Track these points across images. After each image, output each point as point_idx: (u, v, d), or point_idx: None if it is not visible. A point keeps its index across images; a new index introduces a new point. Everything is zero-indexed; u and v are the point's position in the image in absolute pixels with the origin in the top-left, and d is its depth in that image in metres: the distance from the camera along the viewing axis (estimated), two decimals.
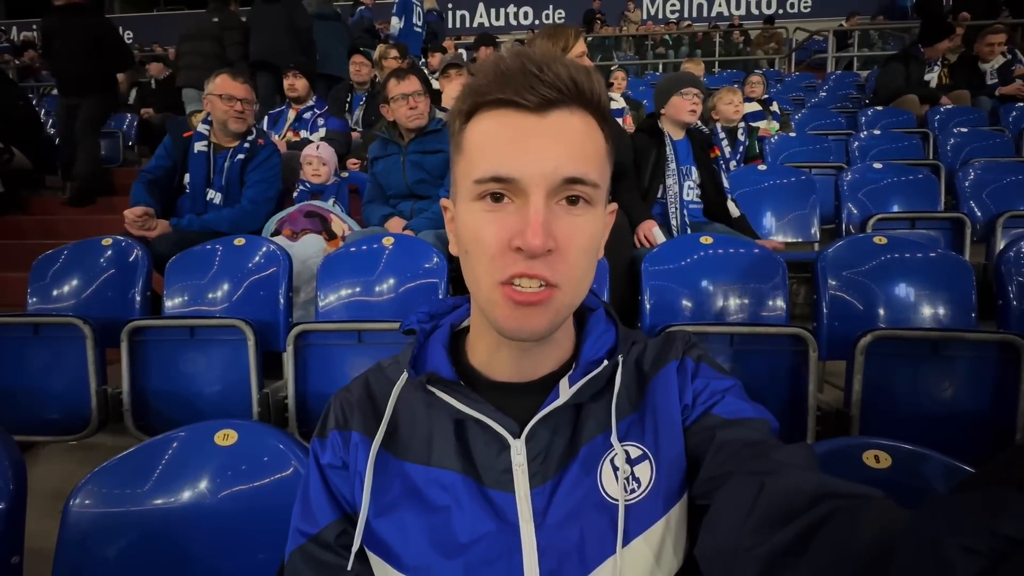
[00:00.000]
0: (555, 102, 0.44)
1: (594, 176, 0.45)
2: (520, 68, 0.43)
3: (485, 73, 0.45)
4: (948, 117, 3.55)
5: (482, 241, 0.44)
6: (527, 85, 0.43)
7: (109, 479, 0.76)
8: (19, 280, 1.93)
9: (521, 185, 0.43)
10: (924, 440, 0.70)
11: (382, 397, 0.53)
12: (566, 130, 0.44)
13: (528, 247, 0.42)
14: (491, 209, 0.45)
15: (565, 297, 0.45)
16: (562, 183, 0.43)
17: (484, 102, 0.45)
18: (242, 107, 2.16)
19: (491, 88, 0.44)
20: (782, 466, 0.41)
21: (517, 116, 0.44)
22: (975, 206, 2.44)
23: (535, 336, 0.46)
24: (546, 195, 0.43)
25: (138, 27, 12.13)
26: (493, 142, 0.44)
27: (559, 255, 0.44)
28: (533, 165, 0.43)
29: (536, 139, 0.43)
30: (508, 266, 0.43)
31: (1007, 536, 0.24)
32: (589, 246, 0.46)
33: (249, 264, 1.80)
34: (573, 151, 0.44)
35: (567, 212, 0.44)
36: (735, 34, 8.51)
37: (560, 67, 0.44)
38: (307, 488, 0.53)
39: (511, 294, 0.44)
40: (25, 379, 1.57)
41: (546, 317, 0.45)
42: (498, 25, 10.80)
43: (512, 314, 0.44)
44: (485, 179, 0.44)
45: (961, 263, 1.55)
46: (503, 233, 0.43)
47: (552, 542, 0.46)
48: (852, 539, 0.32)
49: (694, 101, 2.10)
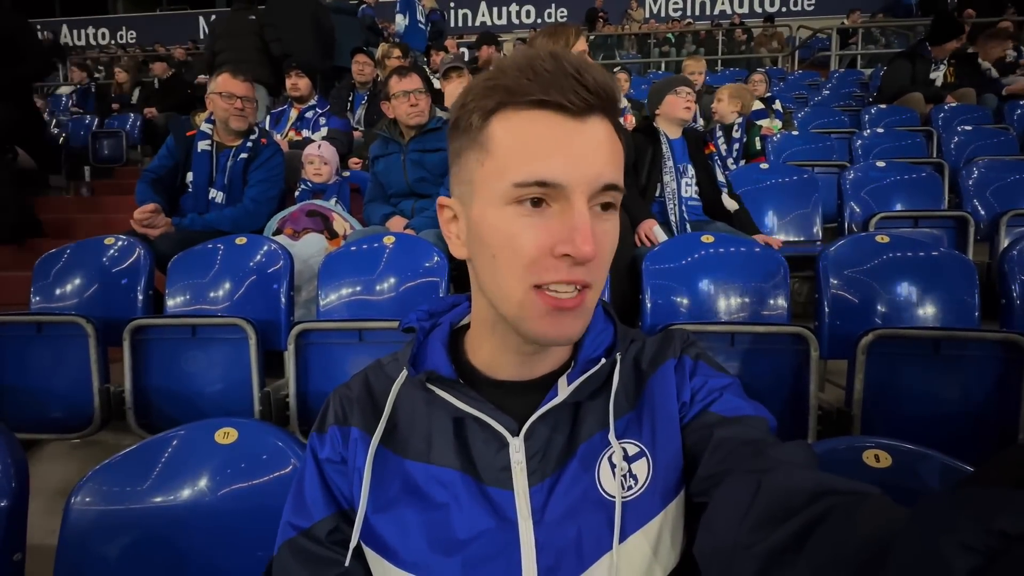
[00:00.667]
0: (593, 107, 0.44)
1: (621, 181, 0.45)
2: (561, 70, 0.42)
3: (520, 72, 0.43)
4: (952, 115, 3.53)
5: (519, 247, 0.43)
6: (571, 88, 0.42)
7: (110, 477, 0.77)
8: (23, 279, 1.94)
9: (566, 191, 0.42)
10: (926, 440, 0.69)
11: (381, 394, 0.53)
12: (602, 136, 0.44)
13: (580, 254, 0.41)
14: (530, 214, 0.43)
15: (594, 297, 0.46)
16: (601, 189, 0.43)
17: (518, 101, 0.43)
18: (243, 105, 2.15)
19: (530, 88, 0.43)
20: (780, 464, 0.41)
21: (559, 119, 0.43)
22: (979, 205, 2.42)
23: (571, 340, 0.46)
24: (588, 200, 0.43)
25: (140, 27, 12.17)
26: (535, 145, 0.43)
27: (596, 259, 0.44)
28: (579, 171, 0.42)
29: (580, 145, 0.43)
30: (548, 272, 0.43)
31: (1003, 532, 0.24)
32: (614, 249, 0.47)
33: (251, 263, 1.81)
34: (609, 157, 0.44)
35: (600, 218, 0.44)
36: (737, 32, 8.48)
37: (596, 72, 0.43)
38: (302, 482, 0.53)
39: (548, 300, 0.43)
40: (28, 377, 1.58)
41: (581, 321, 0.45)
42: (500, 24, 10.79)
43: (549, 320, 0.44)
44: (528, 183, 0.42)
45: (964, 262, 1.55)
46: (546, 239, 0.42)
47: (550, 539, 0.46)
48: (849, 536, 0.32)
49: (688, 99, 2.13)
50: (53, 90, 6.61)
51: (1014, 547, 0.24)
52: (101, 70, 8.31)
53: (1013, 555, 0.23)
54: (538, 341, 0.46)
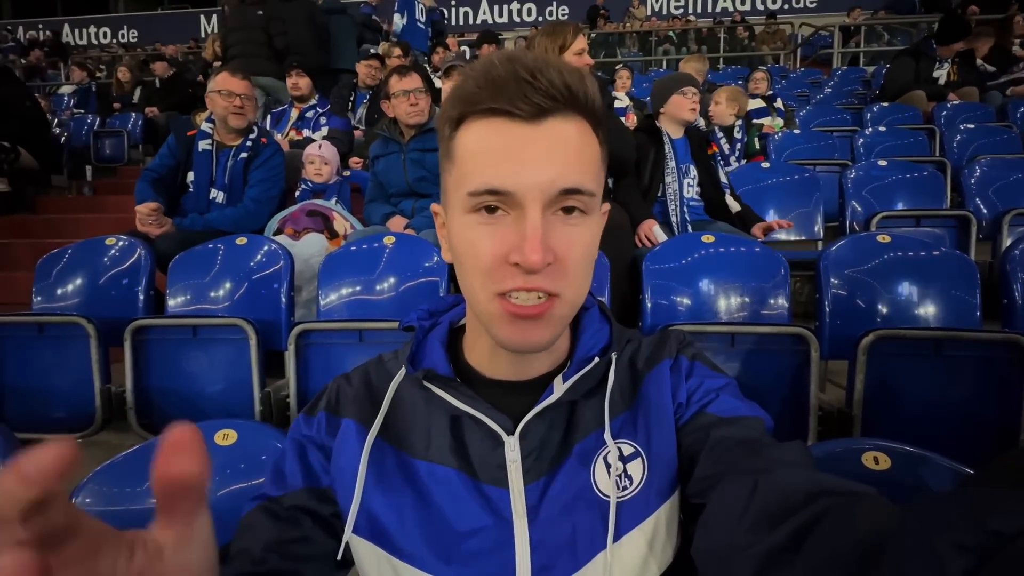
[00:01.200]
0: (549, 110, 0.42)
1: (590, 185, 0.44)
2: (512, 75, 0.42)
3: (476, 80, 0.43)
4: (955, 113, 3.51)
5: (477, 255, 0.44)
6: (520, 93, 0.41)
7: (110, 478, 0.77)
8: (26, 279, 1.95)
9: (517, 198, 0.42)
10: (927, 440, 0.69)
11: (381, 389, 0.53)
12: (561, 139, 0.43)
13: (527, 263, 0.41)
14: (486, 222, 0.44)
15: (564, 307, 0.45)
16: (559, 195, 0.42)
17: (474, 111, 0.44)
18: (241, 103, 2.15)
19: (482, 96, 0.43)
20: (776, 464, 0.41)
21: (510, 125, 0.43)
22: (981, 203, 2.41)
23: (536, 348, 0.45)
24: (543, 207, 0.42)
25: (142, 26, 12.18)
26: (486, 153, 0.43)
27: (558, 267, 0.43)
28: (529, 178, 0.42)
29: (531, 150, 0.42)
30: (505, 280, 0.43)
31: (996, 532, 0.24)
32: (587, 254, 0.45)
33: (251, 263, 1.81)
34: (569, 161, 0.43)
35: (564, 223, 0.43)
36: (739, 30, 8.45)
37: (553, 72, 0.42)
38: (282, 458, 0.52)
39: (509, 307, 0.43)
40: (31, 377, 1.58)
41: (547, 330, 0.45)
42: (501, 22, 10.76)
43: (512, 328, 0.44)
44: (479, 192, 0.43)
45: (965, 262, 1.54)
46: (500, 247, 0.43)
47: (545, 537, 0.46)
48: (845, 537, 0.32)
49: (693, 100, 2.10)
50: (55, 90, 6.63)
51: (1008, 547, 0.23)
52: (103, 69, 8.32)
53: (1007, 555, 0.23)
54: (505, 347, 0.46)
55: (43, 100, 5.50)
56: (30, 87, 5.87)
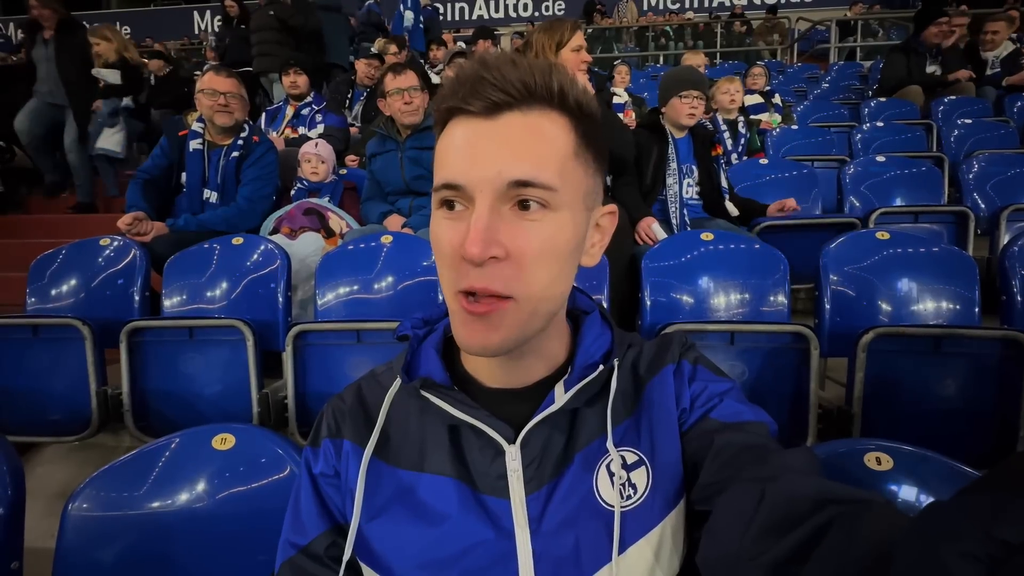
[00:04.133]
0: (503, 105, 0.42)
1: (547, 178, 0.42)
2: (473, 74, 0.43)
3: (448, 81, 0.45)
4: (951, 108, 3.51)
5: (440, 249, 0.44)
6: (473, 90, 0.42)
7: (107, 483, 0.76)
8: (19, 280, 1.93)
9: (468, 192, 0.42)
10: (927, 438, 0.69)
11: (375, 404, 0.52)
12: (515, 133, 0.42)
13: (466, 255, 0.41)
14: (448, 217, 0.44)
15: (524, 310, 0.43)
16: (508, 187, 0.42)
17: (445, 109, 0.45)
18: (226, 101, 2.13)
19: (446, 96, 0.44)
20: (783, 471, 0.41)
21: (469, 122, 0.44)
22: (979, 199, 2.42)
23: (488, 352, 0.44)
24: (493, 201, 0.42)
25: (135, 22, 12.07)
26: (448, 150, 0.44)
27: (512, 264, 0.42)
28: (476, 171, 0.42)
29: (482, 144, 0.43)
30: (461, 276, 0.43)
31: (1004, 541, 0.24)
32: (548, 253, 0.43)
33: (247, 263, 1.79)
34: (520, 154, 0.42)
35: (518, 217, 0.42)
36: (736, 24, 8.42)
37: (509, 68, 0.42)
38: (298, 498, 0.52)
39: (465, 304, 0.43)
40: (26, 380, 1.57)
41: (500, 333, 0.43)
42: (497, 17, 10.70)
43: (466, 327, 0.44)
44: (439, 187, 0.44)
45: (964, 258, 1.54)
46: (455, 240, 0.43)
47: (548, 549, 0.45)
48: (852, 546, 0.32)
49: (694, 104, 2.05)
50: None
51: (1015, 556, 0.23)
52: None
53: (1015, 564, 0.23)
54: (463, 348, 0.46)
55: None
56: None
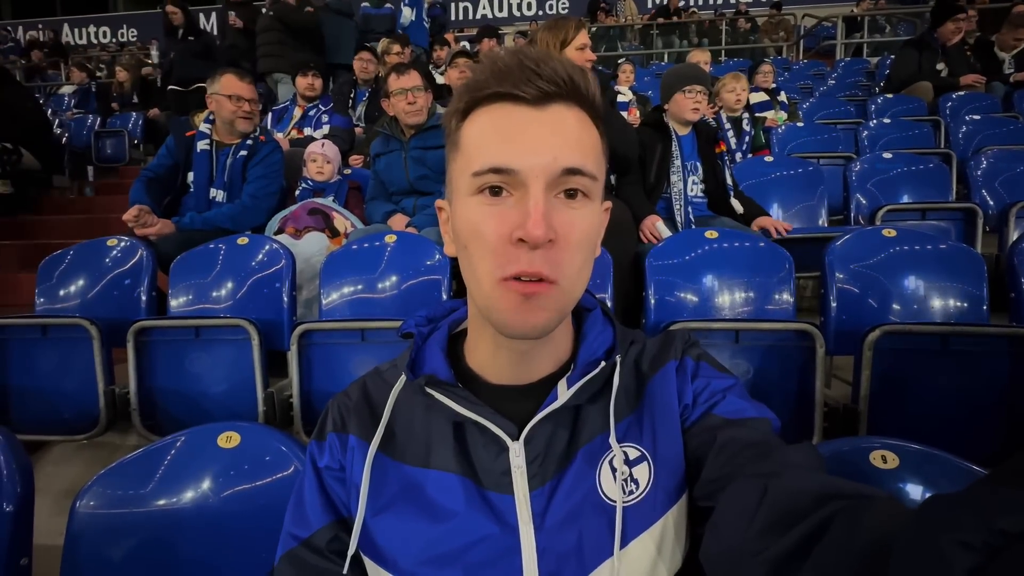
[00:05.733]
0: (552, 96, 0.44)
1: (592, 168, 0.45)
2: (518, 64, 0.44)
3: (482, 70, 0.46)
4: (960, 104, 3.47)
5: (482, 235, 0.44)
6: (524, 78, 0.43)
7: (114, 481, 0.77)
8: (29, 280, 1.95)
9: (521, 177, 0.43)
10: (934, 436, 0.68)
11: (380, 401, 0.53)
12: (564, 123, 0.44)
13: (530, 237, 0.41)
14: (491, 203, 0.44)
15: (564, 294, 0.45)
16: (561, 174, 0.43)
17: (481, 97, 0.46)
18: (250, 107, 2.18)
19: (489, 83, 0.45)
20: (786, 467, 0.41)
21: (515, 109, 0.44)
22: (987, 195, 2.39)
23: (536, 332, 0.45)
24: (545, 187, 0.43)
25: (141, 25, 12.15)
26: (492, 135, 0.45)
27: (558, 248, 0.43)
28: (532, 156, 0.43)
29: (535, 131, 0.44)
30: (509, 263, 0.43)
31: (1002, 531, 0.24)
32: (587, 240, 0.45)
33: (252, 263, 1.81)
34: (571, 143, 0.44)
35: (566, 205, 0.44)
36: (740, 21, 8.36)
37: (557, 64, 0.44)
38: (302, 491, 0.53)
39: (512, 286, 0.43)
40: (36, 379, 1.59)
41: (545, 313, 0.44)
42: (501, 16, 10.69)
43: (513, 310, 0.44)
44: (483, 171, 0.44)
45: (972, 255, 1.52)
46: (504, 227, 0.43)
47: (551, 544, 0.46)
48: (854, 539, 0.32)
49: (697, 99, 2.04)
50: (55, 90, 6.62)
51: (1014, 545, 0.23)
52: (103, 68, 8.30)
53: (1013, 553, 0.23)
54: (505, 332, 0.46)
55: (43, 99, 5.50)
56: (30, 87, 5.86)
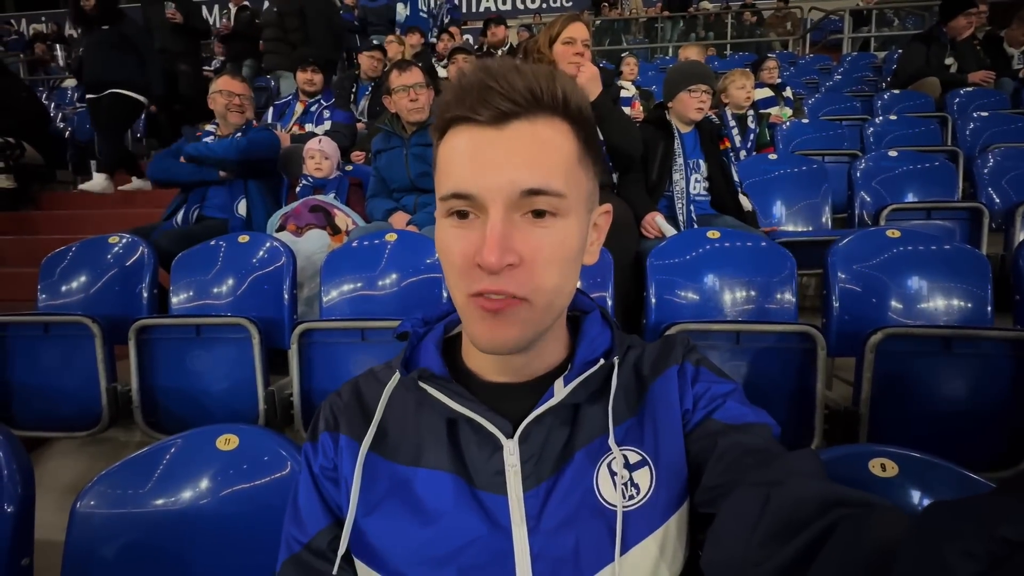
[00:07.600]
0: (511, 114, 0.43)
1: (557, 185, 0.43)
2: (478, 82, 0.43)
3: (451, 89, 0.45)
4: (967, 100, 3.43)
5: (450, 257, 0.45)
6: (481, 99, 0.43)
7: (114, 481, 0.77)
8: (31, 275, 1.96)
9: (479, 201, 0.43)
10: (936, 440, 0.68)
11: (372, 399, 0.53)
12: (525, 141, 0.43)
13: (484, 264, 0.41)
14: (458, 226, 0.45)
15: (536, 310, 0.44)
16: (521, 196, 0.42)
17: (449, 119, 0.45)
18: (240, 101, 2.40)
19: (451, 105, 0.44)
20: (788, 475, 0.41)
21: (476, 131, 0.44)
22: (994, 194, 2.37)
23: (507, 347, 0.45)
24: (506, 209, 0.42)
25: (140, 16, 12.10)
26: (454, 159, 0.44)
27: (525, 269, 0.43)
28: (488, 180, 0.42)
29: (492, 153, 0.43)
30: (474, 281, 0.43)
31: (1005, 539, 0.24)
32: (560, 256, 0.44)
33: (253, 260, 1.81)
34: (533, 163, 0.43)
35: (533, 225, 0.43)
36: (746, 15, 8.27)
37: (516, 77, 0.43)
38: (297, 494, 0.53)
39: (480, 303, 0.44)
40: (38, 376, 1.60)
41: (515, 329, 0.44)
42: (505, 9, 10.61)
43: (483, 325, 0.44)
44: (448, 196, 0.44)
45: (977, 257, 1.51)
46: (468, 249, 0.43)
47: (546, 548, 0.45)
48: (856, 548, 0.32)
49: (702, 99, 2.01)
50: (58, 84, 6.61)
51: (1016, 554, 0.23)
52: None
53: (1015, 562, 0.23)
54: (478, 346, 0.46)
55: (45, 93, 5.49)
56: (33, 81, 5.85)
